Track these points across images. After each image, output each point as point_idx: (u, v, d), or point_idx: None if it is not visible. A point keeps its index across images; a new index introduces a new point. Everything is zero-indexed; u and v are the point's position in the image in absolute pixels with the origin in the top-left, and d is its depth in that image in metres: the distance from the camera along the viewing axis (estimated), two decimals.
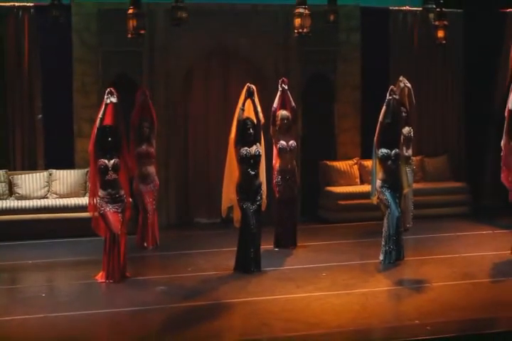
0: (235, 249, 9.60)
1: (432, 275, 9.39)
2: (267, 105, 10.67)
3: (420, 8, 12.73)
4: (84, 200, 11.55)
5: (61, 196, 11.94)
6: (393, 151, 9.88)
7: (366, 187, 12.71)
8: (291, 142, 10.65)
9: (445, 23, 11.88)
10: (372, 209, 11.50)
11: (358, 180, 13.16)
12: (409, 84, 11.19)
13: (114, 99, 9.09)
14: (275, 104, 10.63)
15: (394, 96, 10.00)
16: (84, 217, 10.64)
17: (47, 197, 11.95)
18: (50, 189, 12.01)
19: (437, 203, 12.96)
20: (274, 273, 9.52)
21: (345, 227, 12.34)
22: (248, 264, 9.44)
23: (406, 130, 11.24)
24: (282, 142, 10.60)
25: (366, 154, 13.06)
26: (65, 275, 9.87)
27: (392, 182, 9.92)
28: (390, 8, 13.45)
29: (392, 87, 10.19)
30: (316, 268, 9.74)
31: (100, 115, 9.09)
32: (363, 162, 13.15)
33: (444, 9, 11.87)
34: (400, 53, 13.51)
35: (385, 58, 13.44)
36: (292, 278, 9.34)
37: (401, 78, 11.24)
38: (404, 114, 10.76)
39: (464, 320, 7.82)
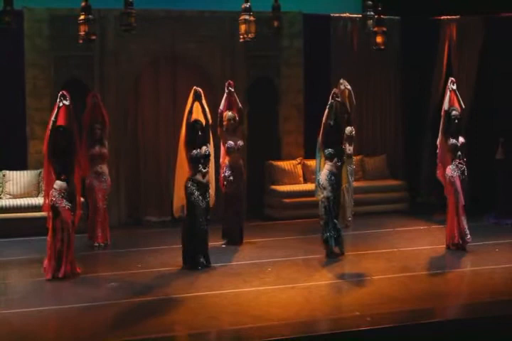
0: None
1: (372, 269, 9.47)
2: (214, 107, 10.66)
3: (360, 15, 12.79)
4: (37, 200, 11.46)
5: (14, 196, 11.76)
6: (336, 150, 9.91)
7: (309, 186, 12.81)
8: (239, 142, 10.71)
9: (384, 29, 11.91)
10: (315, 206, 11.52)
11: (301, 179, 13.20)
12: (349, 86, 11.22)
13: (66, 102, 9.01)
14: (221, 106, 10.67)
15: (336, 99, 10.06)
16: (37, 217, 10.55)
17: (0, 198, 11.77)
18: (3, 189, 11.82)
19: (376, 200, 13.06)
20: (222, 269, 9.51)
21: (289, 224, 12.36)
22: (197, 260, 9.41)
23: (348, 129, 11.28)
24: (230, 142, 10.63)
25: (309, 154, 13.14)
26: (18, 274, 9.73)
27: (336, 177, 9.97)
28: (331, 15, 13.51)
29: (335, 90, 10.26)
30: (262, 264, 9.76)
31: (53, 118, 8.99)
32: (306, 162, 13.19)
33: (382, 16, 11.94)
34: (340, 58, 13.56)
35: (326, 62, 13.49)
36: (239, 273, 9.35)
37: (341, 81, 11.27)
38: (345, 115, 10.81)
39: (401, 310, 7.90)
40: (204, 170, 9.42)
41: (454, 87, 10.22)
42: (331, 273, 9.42)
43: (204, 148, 9.41)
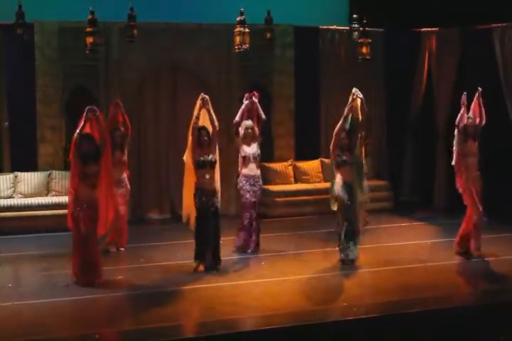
0: (185, 241, 9.49)
1: (359, 263, 9.48)
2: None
3: (346, 28, 12.83)
4: (46, 199, 11.55)
5: (26, 196, 11.77)
6: (348, 158, 9.50)
7: (300, 186, 12.96)
8: (256, 150, 10.21)
9: (368, 40, 11.96)
10: (304, 205, 11.60)
11: (292, 179, 13.22)
12: (361, 95, 10.08)
13: (96, 114, 8.62)
14: (237, 117, 10.19)
15: (353, 114, 9.60)
16: (47, 215, 10.55)
17: (13, 197, 11.79)
18: (15, 189, 11.84)
19: None
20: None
21: (281, 221, 12.35)
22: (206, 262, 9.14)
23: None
24: (246, 151, 10.16)
25: (299, 156, 13.22)
26: (31, 267, 9.73)
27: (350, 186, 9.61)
28: (320, 27, 13.54)
29: (352, 104, 9.66)
30: (257, 258, 9.78)
31: (78, 130, 8.57)
32: (296, 163, 13.25)
33: (367, 28, 11.99)
34: (329, 66, 13.58)
35: (315, 71, 13.52)
36: (236, 267, 9.36)
37: (354, 90, 10.06)
38: (359, 130, 10.16)
39: (386, 301, 7.94)
40: (209, 177, 9.10)
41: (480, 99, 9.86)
42: (320, 267, 9.44)
43: (210, 154, 9.11)
